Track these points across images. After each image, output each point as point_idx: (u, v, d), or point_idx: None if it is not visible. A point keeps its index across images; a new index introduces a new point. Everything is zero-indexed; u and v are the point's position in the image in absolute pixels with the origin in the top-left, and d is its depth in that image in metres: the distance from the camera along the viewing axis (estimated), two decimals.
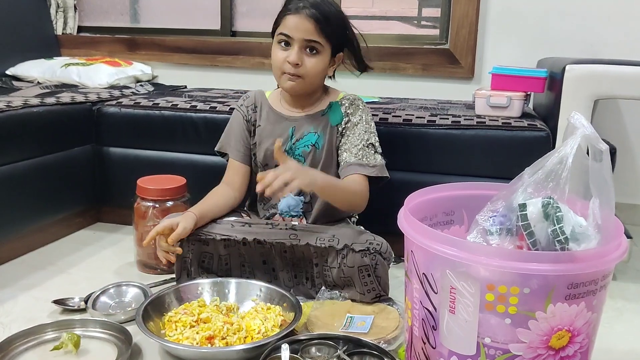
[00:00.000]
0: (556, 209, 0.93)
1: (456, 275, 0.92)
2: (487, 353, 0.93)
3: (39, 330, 1.30)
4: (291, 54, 1.47)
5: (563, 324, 0.91)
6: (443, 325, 0.96)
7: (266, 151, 1.58)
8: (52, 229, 1.93)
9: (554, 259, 0.88)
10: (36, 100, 1.85)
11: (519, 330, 0.91)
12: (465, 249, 0.91)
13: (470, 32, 2.31)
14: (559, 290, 0.89)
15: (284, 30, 1.47)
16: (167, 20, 2.84)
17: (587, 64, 1.62)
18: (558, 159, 0.94)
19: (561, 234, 0.92)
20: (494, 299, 0.90)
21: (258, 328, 1.27)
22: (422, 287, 0.98)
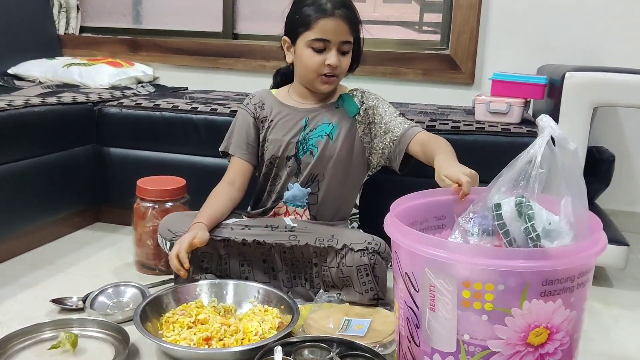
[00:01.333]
0: (528, 207, 0.95)
1: (434, 273, 0.93)
2: (467, 350, 0.94)
3: (37, 329, 1.30)
4: (331, 58, 1.49)
5: (540, 320, 0.92)
6: (425, 323, 0.98)
7: (277, 142, 1.59)
8: (51, 228, 1.93)
9: (526, 255, 0.89)
10: (37, 100, 1.86)
11: (496, 326, 0.92)
12: (441, 247, 0.93)
13: (471, 38, 2.32)
14: (533, 287, 0.90)
15: (320, 35, 1.48)
16: (169, 21, 2.85)
17: (586, 72, 1.62)
18: (527, 158, 0.96)
19: (532, 231, 0.94)
20: (470, 296, 0.92)
21: (255, 330, 1.28)
22: (405, 287, 1.00)
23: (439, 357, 0.98)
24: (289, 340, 1.22)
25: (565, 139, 0.95)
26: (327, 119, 1.59)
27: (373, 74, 2.43)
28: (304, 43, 1.51)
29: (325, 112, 1.61)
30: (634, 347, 1.42)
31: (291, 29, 1.54)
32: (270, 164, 1.61)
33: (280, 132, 1.59)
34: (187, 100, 2.09)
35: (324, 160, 1.57)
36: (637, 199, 2.29)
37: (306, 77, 1.56)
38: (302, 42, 1.51)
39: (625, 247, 1.65)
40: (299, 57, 1.54)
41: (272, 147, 1.60)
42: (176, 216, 1.57)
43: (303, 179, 1.58)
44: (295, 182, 1.59)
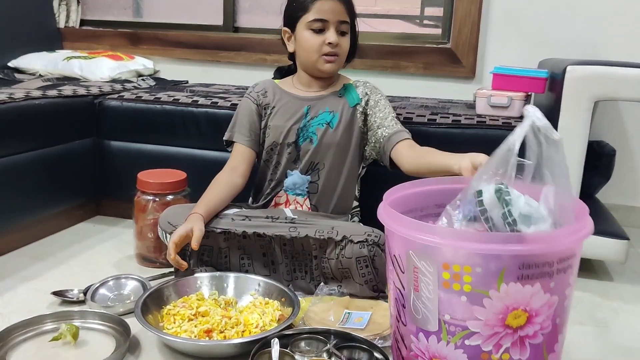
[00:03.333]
0: (506, 193, 0.97)
1: (417, 255, 0.97)
2: (447, 330, 0.97)
3: (38, 321, 1.30)
4: (330, 36, 1.54)
5: (518, 303, 0.93)
6: (410, 303, 1.01)
7: (278, 128, 1.61)
8: (52, 221, 1.93)
9: (502, 239, 0.92)
10: (38, 93, 1.85)
11: (474, 307, 0.94)
12: (422, 230, 0.96)
13: (472, 32, 2.31)
14: (510, 270, 0.92)
15: (319, 16, 1.54)
16: (169, 15, 2.84)
17: (588, 65, 1.62)
18: (507, 146, 0.97)
19: (509, 216, 0.96)
20: (450, 277, 0.94)
21: (256, 322, 1.28)
22: (394, 268, 1.04)
23: (423, 336, 1.01)
24: (286, 333, 1.22)
25: (550, 128, 0.96)
26: (329, 108, 1.62)
27: (374, 67, 2.43)
28: (303, 26, 1.56)
29: (327, 101, 1.63)
30: (635, 340, 1.42)
31: (290, 17, 1.59)
32: (271, 151, 1.63)
33: (281, 118, 1.62)
34: (188, 93, 2.08)
35: (323, 148, 1.60)
36: (637, 193, 2.29)
37: (309, 61, 1.59)
38: (302, 26, 1.56)
39: (625, 241, 1.66)
40: (299, 42, 1.59)
41: (273, 133, 1.62)
42: (176, 209, 1.57)
43: (303, 166, 1.61)
44: (294, 170, 1.62)
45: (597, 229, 1.68)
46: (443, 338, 0.98)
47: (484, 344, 0.96)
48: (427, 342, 1.01)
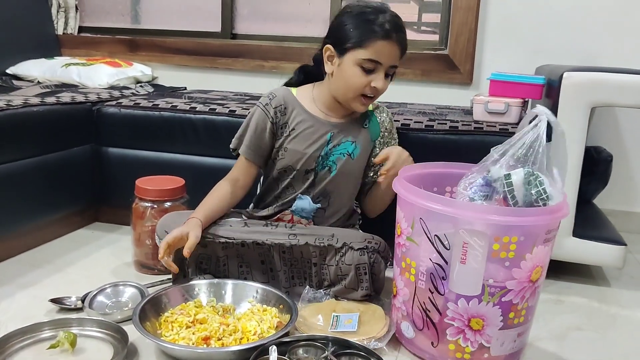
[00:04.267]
0: (537, 176, 1.18)
1: (469, 232, 1.15)
2: (489, 292, 1.17)
3: (36, 328, 1.30)
4: (379, 81, 1.45)
5: (539, 262, 1.18)
6: (454, 275, 1.18)
7: (296, 153, 1.54)
8: (50, 227, 1.93)
9: (540, 212, 1.16)
10: (36, 100, 1.85)
11: (514, 270, 1.16)
12: (478, 210, 1.17)
13: (470, 38, 2.32)
14: (541, 236, 1.16)
15: (374, 57, 1.43)
16: (168, 21, 2.85)
17: (584, 72, 1.62)
18: (533, 138, 1.19)
19: (544, 193, 1.17)
20: (499, 248, 1.14)
21: (254, 329, 1.28)
22: (433, 247, 1.19)
23: (464, 300, 1.18)
24: (284, 340, 1.22)
25: (556, 122, 1.19)
26: (352, 137, 1.57)
27: None
28: (354, 60, 1.44)
29: (351, 129, 1.58)
30: (632, 346, 1.42)
31: (340, 41, 1.46)
32: (285, 172, 1.57)
33: (301, 144, 1.54)
34: (186, 100, 2.09)
35: (339, 178, 1.56)
36: (634, 199, 2.30)
37: (344, 94, 1.50)
38: (352, 57, 1.44)
39: (622, 246, 1.66)
40: (342, 72, 1.47)
41: (289, 156, 1.55)
42: (173, 216, 1.56)
43: (315, 193, 1.57)
44: (306, 195, 1.56)
45: (595, 235, 1.72)
46: (484, 299, 1.17)
47: (515, 298, 1.18)
48: (467, 305, 1.18)
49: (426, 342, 1.25)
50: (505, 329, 1.20)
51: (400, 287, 1.31)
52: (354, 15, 1.47)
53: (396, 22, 1.46)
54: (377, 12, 1.45)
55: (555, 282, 1.74)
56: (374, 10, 1.46)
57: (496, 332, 1.19)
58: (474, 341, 1.20)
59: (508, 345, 1.22)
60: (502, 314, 1.18)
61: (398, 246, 1.31)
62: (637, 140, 2.25)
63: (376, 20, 1.43)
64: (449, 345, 1.22)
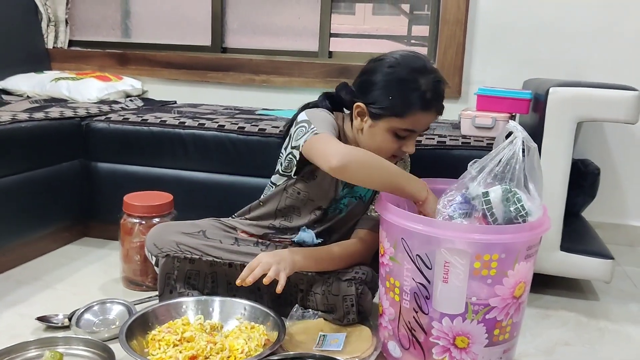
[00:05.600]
0: (514, 193, 1.18)
1: (449, 251, 1.15)
2: (472, 309, 1.17)
3: (22, 347, 1.29)
4: (410, 147, 1.41)
5: (522, 278, 1.19)
6: (437, 294, 1.18)
7: (320, 189, 1.48)
8: (38, 243, 1.93)
9: (521, 229, 1.16)
10: (24, 115, 1.85)
11: (496, 287, 1.16)
12: (459, 229, 1.16)
13: (457, 52, 2.34)
14: (522, 252, 1.17)
15: (410, 127, 1.36)
16: (158, 35, 2.85)
17: (570, 87, 1.64)
18: (510, 155, 1.18)
19: (522, 210, 1.18)
20: (480, 266, 1.15)
21: (241, 348, 1.27)
22: (415, 266, 1.19)
23: (448, 319, 1.18)
24: (271, 358, 1.22)
25: (529, 138, 1.19)
26: None
27: None
28: (388, 128, 1.37)
29: None
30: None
31: (374, 105, 1.37)
32: (298, 195, 1.50)
33: (328, 180, 1.47)
34: (175, 114, 2.09)
35: (347, 218, 1.55)
36: (622, 212, 2.31)
37: (373, 151, 1.34)
38: (386, 125, 1.37)
39: (610, 260, 1.66)
40: (374, 135, 1.40)
41: (312, 189, 1.48)
42: (162, 229, 1.53)
43: (320, 230, 1.53)
44: (310, 229, 1.52)
45: (583, 249, 1.73)
46: (468, 317, 1.17)
47: (499, 315, 1.18)
48: (452, 324, 1.18)
49: None
50: (491, 346, 1.20)
51: (385, 306, 1.31)
52: (393, 80, 1.36)
53: (438, 88, 1.36)
54: (419, 75, 1.34)
55: (542, 295, 1.75)
56: (415, 72, 1.35)
57: (482, 349, 1.20)
58: (460, 359, 1.20)
59: None
60: (486, 332, 1.19)
61: (382, 266, 1.31)
62: (624, 153, 2.27)
63: (418, 88, 1.33)
64: None
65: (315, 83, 2.51)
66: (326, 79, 2.49)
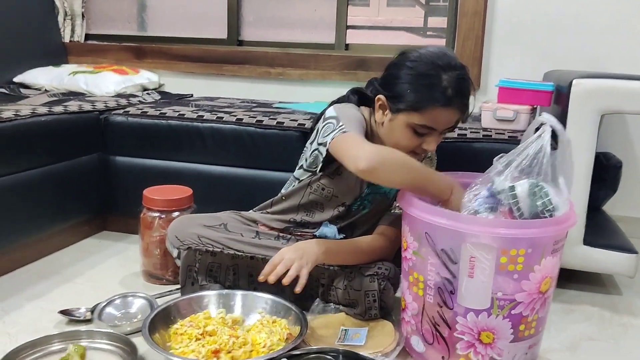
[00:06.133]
0: (541, 187, 1.17)
1: (475, 246, 1.14)
2: (498, 304, 1.16)
3: (45, 341, 1.30)
4: (431, 144, 1.36)
5: (548, 273, 1.18)
6: (462, 289, 1.17)
7: (346, 186, 1.46)
8: (58, 237, 1.93)
9: (547, 223, 1.15)
10: (44, 109, 1.86)
11: (522, 282, 1.15)
12: (484, 224, 1.16)
13: (477, 44, 2.31)
14: (549, 247, 1.15)
15: (429, 124, 1.32)
16: (174, 28, 2.85)
17: (594, 79, 1.61)
18: (537, 148, 1.17)
19: (549, 204, 1.17)
20: (507, 261, 1.13)
21: (264, 342, 1.27)
22: (440, 261, 1.18)
23: (473, 314, 1.17)
24: (294, 353, 1.21)
25: (562, 130, 1.19)
26: None
27: None
28: (407, 122, 1.34)
29: None
30: None
31: (394, 98, 1.35)
32: (322, 191, 1.48)
33: (351, 178, 1.43)
34: (193, 108, 2.09)
35: (371, 214, 1.54)
36: None
37: (393, 147, 1.34)
38: (405, 120, 1.34)
39: (634, 255, 1.64)
40: (393, 129, 1.38)
41: (337, 186, 1.46)
42: (184, 222, 1.53)
43: (343, 225, 1.52)
44: (333, 225, 1.51)
45: (606, 243, 1.71)
46: (493, 312, 1.16)
47: (525, 310, 1.17)
48: (477, 319, 1.17)
49: (437, 356, 1.24)
50: (516, 341, 1.19)
51: (408, 301, 1.30)
52: (415, 74, 1.33)
53: (461, 85, 1.32)
54: (441, 71, 1.30)
55: (566, 290, 1.73)
56: (438, 68, 1.31)
57: (507, 345, 1.19)
58: (484, 355, 1.19)
59: (520, 357, 1.21)
60: (512, 327, 1.17)
61: (405, 260, 1.30)
62: None
63: (439, 83, 1.29)
64: (459, 359, 1.21)
65: (332, 75, 2.49)
66: (343, 72, 2.48)
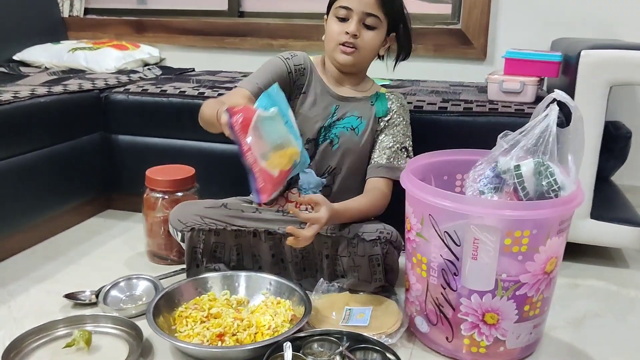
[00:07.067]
0: (547, 166, 1.15)
1: (479, 228, 1.12)
2: (502, 286, 1.15)
3: (51, 326, 1.31)
4: (350, 25, 1.46)
5: (554, 253, 1.16)
6: (465, 271, 1.16)
7: (304, 119, 1.51)
8: (62, 217, 1.93)
9: (553, 204, 1.13)
10: (43, 90, 1.83)
11: (527, 263, 1.14)
12: (489, 206, 1.15)
13: (483, 12, 2.25)
14: (554, 227, 1.14)
15: (344, 3, 1.46)
16: (174, 1, 2.79)
17: (602, 49, 1.57)
18: (543, 127, 1.16)
19: (555, 184, 1.15)
20: (511, 242, 1.12)
21: (268, 324, 1.27)
22: (443, 243, 1.17)
23: (477, 295, 1.17)
24: (297, 335, 1.21)
25: (576, 107, 1.16)
26: (358, 112, 1.54)
27: None
28: (332, 13, 1.50)
29: (357, 105, 1.55)
30: None
31: (328, 5, 1.53)
32: None
33: (309, 109, 1.53)
34: (194, 84, 2.06)
35: (343, 153, 1.54)
36: None
37: (328, 49, 1.52)
38: (331, 13, 1.51)
39: None
40: (327, 30, 1.53)
41: (301, 123, 1.46)
42: (185, 206, 1.55)
43: (319, 167, 1.54)
44: (309, 168, 1.50)
45: (613, 217, 1.69)
46: (498, 294, 1.15)
47: (529, 291, 1.16)
48: (481, 300, 1.16)
49: (441, 337, 1.24)
50: (521, 321, 1.19)
51: (412, 282, 1.29)
52: None
53: None
54: None
55: (571, 264, 1.72)
56: None
57: (512, 325, 1.18)
58: (489, 335, 1.19)
59: (524, 337, 1.21)
60: (516, 308, 1.17)
61: (408, 241, 1.29)
62: None
63: None
64: (463, 340, 1.21)
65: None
66: None
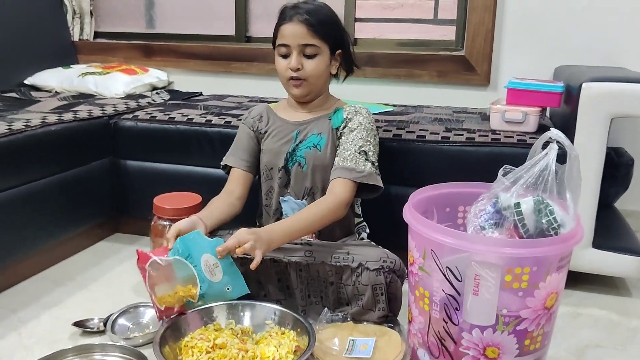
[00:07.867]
0: (546, 204, 1.17)
1: (480, 264, 1.14)
2: (503, 321, 1.16)
3: (60, 355, 1.33)
4: (291, 61, 1.55)
5: (554, 289, 1.18)
6: (467, 306, 1.18)
7: (270, 151, 1.65)
8: (72, 242, 1.97)
9: (553, 242, 1.14)
10: (54, 117, 1.87)
11: (527, 299, 1.15)
12: (489, 243, 1.17)
13: (486, 39, 2.28)
14: (554, 264, 1.15)
15: (281, 41, 1.57)
16: (182, 25, 2.84)
17: (604, 82, 1.59)
18: (543, 166, 1.19)
19: (554, 222, 1.17)
20: (511, 279, 1.14)
21: (272, 355, 1.29)
22: (445, 278, 1.19)
23: (478, 330, 1.18)
24: None
25: (571, 146, 1.19)
26: (317, 130, 1.63)
27: (386, 75, 2.42)
28: (276, 52, 1.61)
29: (316, 124, 1.64)
30: None
31: (272, 42, 1.64)
32: (264, 175, 1.67)
33: (273, 142, 1.65)
34: (202, 111, 2.09)
35: (313, 172, 1.60)
36: None
37: (282, 84, 1.63)
38: (275, 52, 1.62)
39: None
40: (277, 68, 1.63)
41: (265, 157, 1.66)
42: None
43: (297, 191, 1.62)
44: (287, 194, 1.63)
45: (615, 246, 1.69)
46: (499, 329, 1.17)
47: (530, 325, 1.17)
48: (482, 335, 1.18)
49: None
50: (522, 355, 1.20)
51: (415, 314, 1.31)
52: None
53: (297, 5, 1.57)
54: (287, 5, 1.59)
55: (573, 292, 1.73)
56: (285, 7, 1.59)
57: (512, 359, 1.19)
58: None
59: None
60: (517, 342, 1.18)
61: (411, 274, 1.30)
62: None
63: (282, 11, 1.59)
64: None
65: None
66: None
